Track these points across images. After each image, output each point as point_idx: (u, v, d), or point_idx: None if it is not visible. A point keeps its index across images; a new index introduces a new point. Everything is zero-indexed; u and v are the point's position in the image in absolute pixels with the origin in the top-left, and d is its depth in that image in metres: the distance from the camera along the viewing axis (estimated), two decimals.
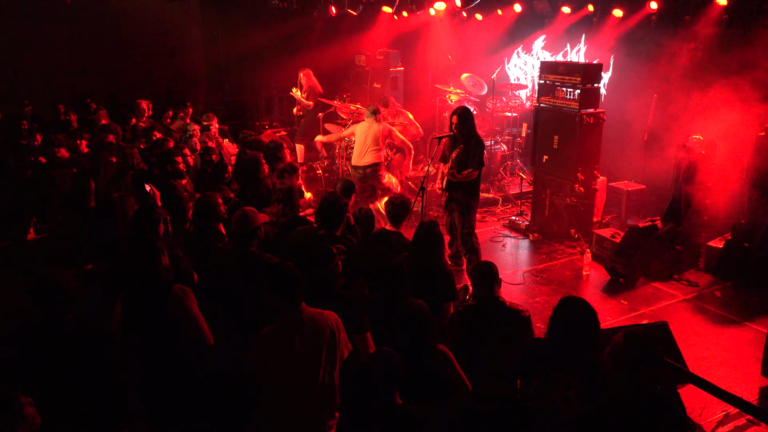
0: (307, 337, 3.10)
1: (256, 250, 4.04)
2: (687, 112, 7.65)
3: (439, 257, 4.24)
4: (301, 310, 3.15)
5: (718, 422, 4.34)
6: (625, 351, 2.66)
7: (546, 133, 8.09)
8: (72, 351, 2.97)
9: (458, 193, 6.32)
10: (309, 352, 3.09)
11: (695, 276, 6.80)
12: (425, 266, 4.12)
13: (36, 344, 2.96)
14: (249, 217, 4.02)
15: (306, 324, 3.13)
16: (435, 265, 4.17)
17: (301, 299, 3.15)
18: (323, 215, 4.34)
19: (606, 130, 7.86)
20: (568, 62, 9.46)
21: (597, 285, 6.69)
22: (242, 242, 4.02)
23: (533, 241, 8.00)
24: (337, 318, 3.23)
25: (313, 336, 3.12)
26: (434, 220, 4.45)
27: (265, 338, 3.12)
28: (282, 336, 3.11)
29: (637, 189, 8.24)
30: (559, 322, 2.99)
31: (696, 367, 4.79)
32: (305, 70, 10.34)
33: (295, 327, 3.11)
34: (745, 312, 5.99)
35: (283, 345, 3.09)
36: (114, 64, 11.44)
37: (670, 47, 8.23)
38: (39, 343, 2.96)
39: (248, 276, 3.82)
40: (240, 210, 4.08)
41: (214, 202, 4.61)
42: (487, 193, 9.43)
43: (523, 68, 11.25)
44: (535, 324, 3.87)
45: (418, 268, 4.09)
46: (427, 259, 4.16)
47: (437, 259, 4.22)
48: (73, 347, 2.98)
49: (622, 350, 2.67)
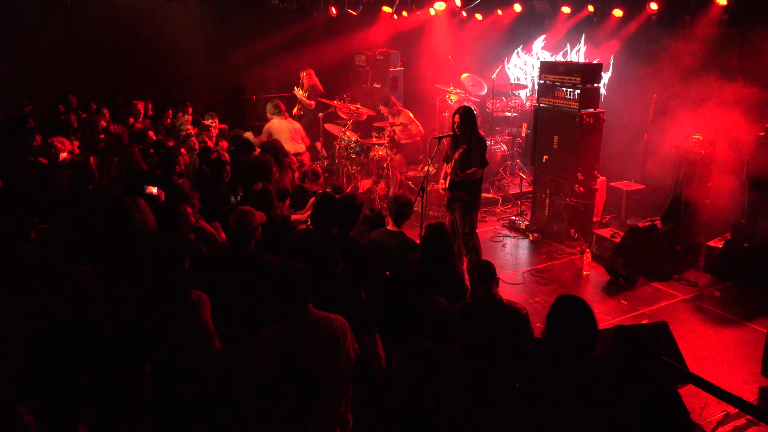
0: (311, 340, 3.07)
1: (254, 251, 4.04)
2: (687, 112, 7.65)
3: (450, 258, 4.26)
4: (308, 311, 3.12)
5: (718, 422, 4.34)
6: (619, 348, 2.67)
7: (546, 133, 8.09)
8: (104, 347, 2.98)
9: (461, 192, 6.32)
10: (312, 354, 3.06)
11: (695, 276, 6.80)
12: (436, 268, 4.13)
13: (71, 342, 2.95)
14: (248, 217, 4.01)
15: (311, 326, 3.10)
16: (446, 267, 4.18)
17: (308, 301, 3.12)
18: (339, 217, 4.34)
19: (606, 130, 7.86)
20: (568, 62, 9.46)
21: (597, 285, 6.69)
22: (240, 242, 4.00)
23: (533, 241, 8.00)
24: (343, 322, 3.19)
25: (318, 338, 3.09)
26: (442, 222, 4.45)
27: (269, 337, 3.10)
28: (286, 336, 3.08)
29: (637, 189, 8.25)
30: (556, 321, 3.01)
31: (696, 367, 4.79)
32: (307, 69, 10.34)
33: (300, 328, 3.09)
34: (745, 312, 5.99)
35: (284, 345, 3.06)
36: (114, 64, 11.45)
37: (670, 47, 8.23)
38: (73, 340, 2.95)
39: (248, 276, 3.81)
40: (238, 210, 4.07)
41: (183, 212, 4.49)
42: (487, 193, 9.43)
43: (523, 68, 11.25)
44: (535, 324, 3.87)
45: (428, 270, 4.09)
46: (438, 261, 4.17)
47: (448, 261, 4.23)
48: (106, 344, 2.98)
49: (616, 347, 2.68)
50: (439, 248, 4.20)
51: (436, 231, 4.23)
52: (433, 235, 4.23)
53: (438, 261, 4.18)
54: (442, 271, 4.14)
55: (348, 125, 9.23)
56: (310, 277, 3.14)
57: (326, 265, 3.46)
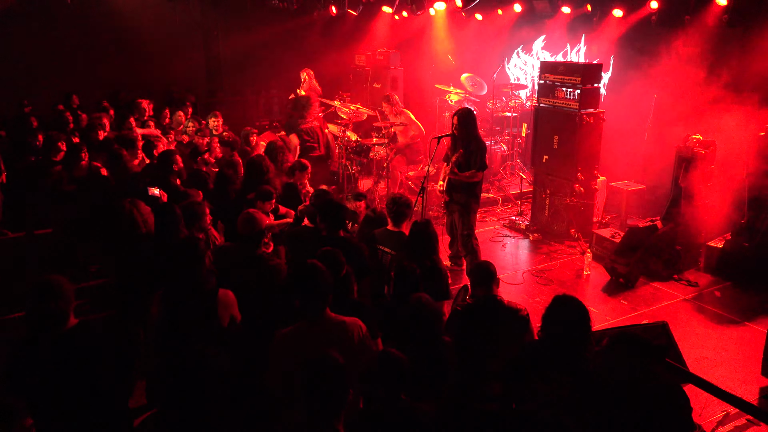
0: (331, 342, 3.02)
1: (263, 252, 4.03)
2: (687, 111, 7.65)
3: (433, 256, 4.25)
4: (327, 313, 3.10)
5: (718, 422, 4.34)
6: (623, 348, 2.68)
7: (546, 133, 8.09)
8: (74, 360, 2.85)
9: (459, 194, 6.32)
10: None
11: (695, 276, 6.80)
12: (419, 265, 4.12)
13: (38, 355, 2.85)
14: (255, 219, 4.00)
15: (331, 328, 3.07)
16: (429, 264, 4.18)
17: (327, 303, 3.10)
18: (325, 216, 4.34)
19: (606, 130, 7.86)
20: (568, 62, 9.46)
21: (597, 285, 6.68)
22: (249, 245, 3.98)
23: (533, 241, 8.00)
24: (361, 325, 3.16)
25: (338, 342, 3.04)
26: (428, 219, 4.46)
27: (286, 338, 3.08)
28: (303, 337, 3.06)
29: (637, 189, 8.25)
30: (551, 321, 3.02)
31: (696, 367, 4.79)
32: (307, 69, 10.35)
33: (318, 330, 3.06)
34: (745, 312, 5.99)
35: (304, 346, 3.02)
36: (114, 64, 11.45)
37: (670, 47, 8.23)
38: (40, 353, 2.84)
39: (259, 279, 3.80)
40: (245, 212, 4.06)
41: None
42: (487, 193, 9.43)
43: (523, 68, 11.25)
44: (535, 324, 3.87)
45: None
46: (422, 258, 4.16)
47: (431, 258, 4.23)
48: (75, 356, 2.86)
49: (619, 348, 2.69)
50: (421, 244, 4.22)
51: (419, 226, 4.27)
52: (417, 231, 4.25)
53: (419, 256, 4.17)
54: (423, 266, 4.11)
55: (348, 125, 9.22)
56: (331, 279, 3.12)
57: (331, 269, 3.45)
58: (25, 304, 2.93)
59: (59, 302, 2.87)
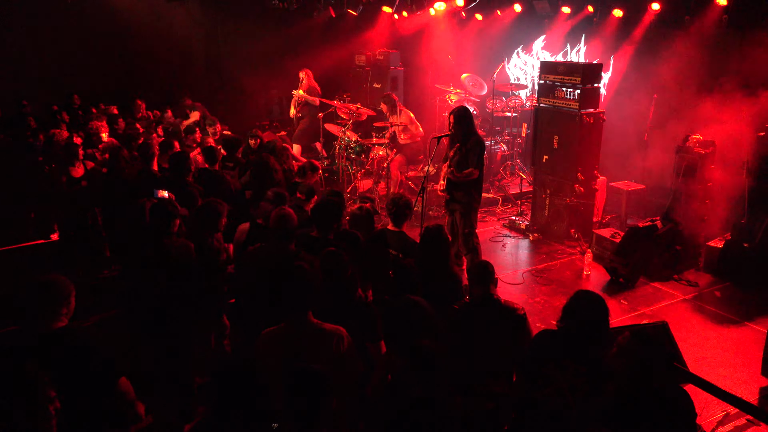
0: (308, 347, 3.02)
1: (296, 249, 4.03)
2: (687, 112, 7.64)
3: (447, 261, 4.27)
4: (309, 319, 3.07)
5: (718, 422, 4.33)
6: (636, 350, 2.70)
7: (546, 133, 8.08)
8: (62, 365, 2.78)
9: (459, 193, 6.31)
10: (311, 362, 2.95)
11: (695, 276, 6.80)
12: (433, 270, 4.13)
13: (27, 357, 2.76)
14: (291, 217, 4.03)
15: (309, 333, 3.06)
16: (443, 269, 4.19)
17: (308, 307, 3.08)
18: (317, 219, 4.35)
19: (606, 130, 7.86)
20: (568, 62, 9.45)
21: (597, 285, 6.68)
22: (283, 242, 4.00)
23: (533, 241, 8.00)
24: (342, 334, 3.10)
25: (315, 348, 3.02)
26: (440, 225, 4.45)
27: (268, 338, 3.09)
28: (282, 340, 3.06)
29: (637, 189, 8.24)
30: (572, 312, 3.10)
31: (696, 367, 4.78)
32: (305, 69, 10.34)
33: (296, 335, 3.05)
34: (745, 312, 5.99)
35: (282, 350, 3.03)
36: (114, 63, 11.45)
37: (670, 47, 8.23)
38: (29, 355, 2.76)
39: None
40: (279, 209, 4.07)
41: None
42: (487, 193, 9.43)
43: (523, 68, 11.25)
44: (534, 324, 3.89)
45: (425, 271, 4.09)
46: (435, 263, 4.18)
47: (445, 263, 4.24)
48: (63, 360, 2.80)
49: (632, 350, 2.71)
50: (435, 249, 4.21)
51: (432, 232, 4.27)
52: (430, 236, 4.25)
53: (433, 261, 4.17)
54: (437, 271, 4.14)
55: (348, 125, 9.22)
56: (313, 282, 3.09)
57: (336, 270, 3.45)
58: None
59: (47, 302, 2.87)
